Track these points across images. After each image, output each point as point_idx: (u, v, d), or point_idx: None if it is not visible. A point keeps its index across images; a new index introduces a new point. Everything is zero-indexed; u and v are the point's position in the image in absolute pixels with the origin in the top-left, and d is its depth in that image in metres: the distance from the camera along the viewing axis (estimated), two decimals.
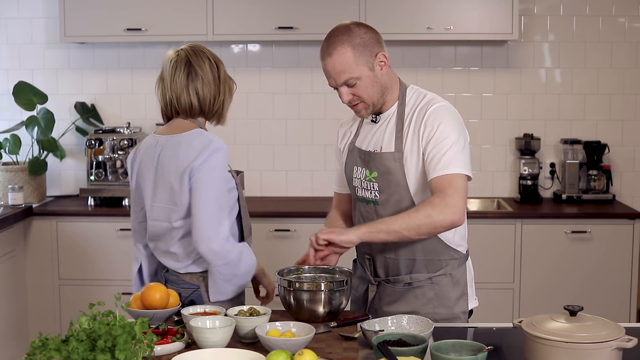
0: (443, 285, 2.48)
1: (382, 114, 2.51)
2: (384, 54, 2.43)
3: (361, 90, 2.41)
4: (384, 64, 2.43)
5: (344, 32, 2.40)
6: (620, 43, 4.79)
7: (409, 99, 2.49)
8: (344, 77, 2.39)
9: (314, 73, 4.84)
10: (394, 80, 2.50)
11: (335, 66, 2.40)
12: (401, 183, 2.43)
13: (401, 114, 2.46)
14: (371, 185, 2.48)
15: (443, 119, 2.38)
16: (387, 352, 1.90)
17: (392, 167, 2.43)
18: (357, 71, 2.38)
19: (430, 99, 2.46)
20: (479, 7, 4.42)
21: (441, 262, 2.48)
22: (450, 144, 2.35)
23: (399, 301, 2.51)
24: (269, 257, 4.09)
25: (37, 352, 1.75)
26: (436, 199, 2.31)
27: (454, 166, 2.34)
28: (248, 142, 4.90)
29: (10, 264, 4.25)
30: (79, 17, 4.50)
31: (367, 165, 2.49)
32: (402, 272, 2.50)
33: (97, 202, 4.58)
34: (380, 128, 2.50)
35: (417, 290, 2.49)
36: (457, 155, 2.36)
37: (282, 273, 2.47)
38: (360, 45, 2.38)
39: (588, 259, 4.36)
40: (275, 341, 2.01)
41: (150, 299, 2.23)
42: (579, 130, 4.84)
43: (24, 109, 4.68)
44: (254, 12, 4.48)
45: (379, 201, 2.48)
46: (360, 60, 2.38)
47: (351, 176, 2.57)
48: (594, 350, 1.86)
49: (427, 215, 2.30)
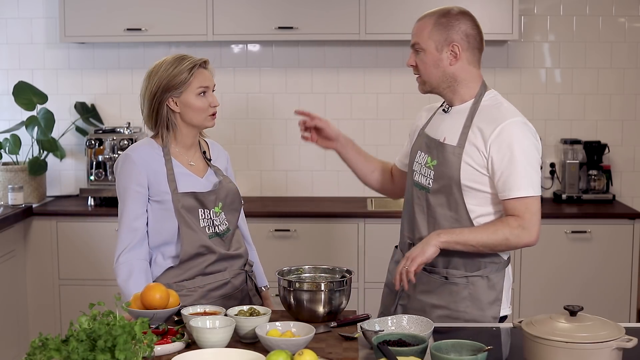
0: (478, 287, 2.49)
1: (454, 106, 2.54)
2: (459, 48, 2.47)
3: (421, 64, 2.51)
4: (453, 55, 2.48)
5: (444, 10, 2.51)
6: (620, 43, 4.79)
7: (484, 100, 2.52)
8: (414, 40, 2.52)
9: (314, 73, 4.84)
10: (472, 77, 2.53)
11: (415, 28, 2.53)
12: (454, 177, 2.45)
13: (473, 112, 2.49)
14: (429, 172, 2.53)
15: (516, 137, 2.41)
16: (387, 352, 1.90)
17: (450, 160, 2.47)
18: (425, 43, 2.48)
19: (505, 110, 2.48)
20: (479, 7, 4.42)
21: (480, 264, 2.49)
22: (523, 164, 2.39)
23: (433, 293, 2.52)
24: (269, 257, 4.09)
25: (37, 352, 1.75)
26: (514, 222, 2.39)
27: (526, 188, 2.39)
28: (248, 142, 4.90)
29: (10, 264, 4.25)
30: (79, 17, 4.50)
31: (430, 152, 2.54)
32: (439, 265, 2.51)
33: (97, 202, 4.57)
34: (450, 119, 2.54)
35: (452, 287, 2.50)
36: (531, 175, 2.40)
37: (282, 273, 2.47)
38: (441, 25, 2.47)
39: (588, 259, 4.36)
40: (275, 341, 2.01)
41: (150, 299, 2.23)
42: (579, 130, 4.84)
43: (24, 109, 4.67)
44: (254, 12, 4.48)
45: (430, 189, 2.52)
46: (433, 35, 2.47)
47: (413, 160, 2.62)
48: (594, 350, 1.86)
49: (505, 238, 2.40)
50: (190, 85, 2.53)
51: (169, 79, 2.51)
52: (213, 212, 2.58)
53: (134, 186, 2.52)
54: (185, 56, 2.56)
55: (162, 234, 2.54)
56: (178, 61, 2.53)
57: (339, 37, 4.52)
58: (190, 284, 2.55)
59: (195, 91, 2.54)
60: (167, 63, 2.54)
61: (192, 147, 2.64)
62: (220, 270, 2.60)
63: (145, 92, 2.57)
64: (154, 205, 2.54)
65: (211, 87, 2.58)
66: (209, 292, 2.57)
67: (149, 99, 2.56)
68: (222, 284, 2.60)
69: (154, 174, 2.53)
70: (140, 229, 2.53)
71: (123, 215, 2.54)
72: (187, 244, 2.52)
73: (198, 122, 2.57)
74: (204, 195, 2.56)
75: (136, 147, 2.58)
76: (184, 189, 2.54)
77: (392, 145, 4.78)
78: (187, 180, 2.56)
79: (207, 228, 2.56)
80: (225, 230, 2.62)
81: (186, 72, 2.52)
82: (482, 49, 2.55)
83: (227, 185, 2.65)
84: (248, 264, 2.72)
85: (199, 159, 2.65)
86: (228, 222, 2.64)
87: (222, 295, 2.59)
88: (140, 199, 2.52)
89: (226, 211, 2.63)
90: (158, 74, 2.53)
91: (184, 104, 2.54)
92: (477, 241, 2.40)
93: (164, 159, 2.56)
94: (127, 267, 2.50)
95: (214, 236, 2.58)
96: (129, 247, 2.51)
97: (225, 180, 2.66)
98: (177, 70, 2.51)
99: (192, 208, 2.54)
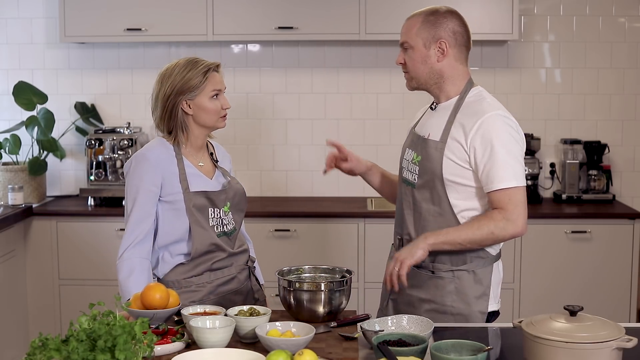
0: (464, 281, 2.52)
1: (440, 103, 2.59)
2: (446, 44, 2.51)
3: (410, 60, 2.56)
4: (441, 52, 2.51)
5: (432, 9, 2.56)
6: (620, 43, 4.78)
7: (469, 97, 2.56)
8: (403, 38, 2.57)
9: (314, 73, 4.84)
10: (458, 74, 2.56)
11: (404, 27, 2.59)
12: (437, 172, 2.50)
13: (457, 108, 2.54)
14: (414, 168, 2.58)
15: (495, 130, 2.44)
16: (387, 352, 1.90)
17: (432, 155, 2.51)
18: (413, 40, 2.53)
19: (487, 105, 2.51)
20: (479, 7, 4.42)
21: (465, 258, 2.52)
22: (504, 155, 2.42)
23: (420, 287, 2.56)
24: (269, 257, 4.09)
25: (37, 352, 1.75)
26: (498, 214, 2.42)
27: (509, 180, 2.42)
28: (248, 142, 4.90)
29: (10, 264, 4.25)
30: (79, 17, 4.50)
31: (415, 149, 2.59)
32: (426, 260, 2.53)
33: (97, 202, 4.57)
34: (436, 116, 2.59)
35: (439, 281, 2.53)
36: (513, 167, 2.43)
37: (282, 273, 2.47)
38: (429, 23, 2.52)
39: (588, 259, 4.36)
40: (275, 341, 2.01)
41: (150, 299, 2.23)
42: (579, 130, 4.84)
43: (24, 109, 4.67)
44: (254, 12, 4.48)
45: (416, 185, 2.56)
46: (421, 33, 2.52)
47: (402, 157, 2.68)
48: (594, 350, 1.86)
49: (490, 232, 2.42)
50: (204, 89, 2.57)
51: (184, 82, 2.55)
52: (222, 211, 2.63)
53: (148, 185, 2.54)
54: (199, 59, 2.60)
55: (172, 233, 2.58)
56: (192, 64, 2.57)
57: (339, 37, 4.52)
58: (199, 279, 2.59)
59: (209, 94, 2.57)
60: (181, 66, 2.57)
61: (202, 148, 2.68)
62: (227, 266, 2.64)
63: (159, 94, 2.60)
64: (164, 206, 2.57)
65: (223, 90, 2.63)
66: (217, 287, 2.61)
67: (162, 101, 2.59)
68: (229, 279, 2.64)
69: (169, 174, 2.57)
70: (146, 228, 2.55)
71: (132, 213, 2.56)
72: (198, 242, 2.56)
73: (211, 123, 2.61)
74: (215, 195, 2.61)
75: (151, 148, 2.61)
76: (195, 188, 2.58)
77: (392, 145, 4.78)
78: (198, 180, 2.60)
79: (215, 227, 2.60)
80: (232, 229, 2.66)
81: (201, 76, 2.56)
82: (469, 46, 2.59)
83: (235, 186, 2.71)
84: (250, 260, 2.76)
85: (207, 160, 2.70)
86: (235, 222, 2.68)
87: (230, 291, 2.64)
88: (152, 198, 2.55)
89: (233, 211, 2.68)
90: (172, 77, 2.57)
91: (198, 107, 2.57)
92: (463, 239, 2.43)
93: (176, 158, 2.60)
94: (129, 265, 2.53)
95: (222, 235, 2.62)
96: (133, 244, 2.54)
97: (233, 181, 2.72)
98: (192, 74, 2.55)
99: (203, 207, 2.58)
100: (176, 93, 2.55)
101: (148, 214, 2.55)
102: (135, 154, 2.61)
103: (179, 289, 2.53)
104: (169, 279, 2.59)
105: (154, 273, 2.62)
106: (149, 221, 2.56)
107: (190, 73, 2.55)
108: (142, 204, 2.55)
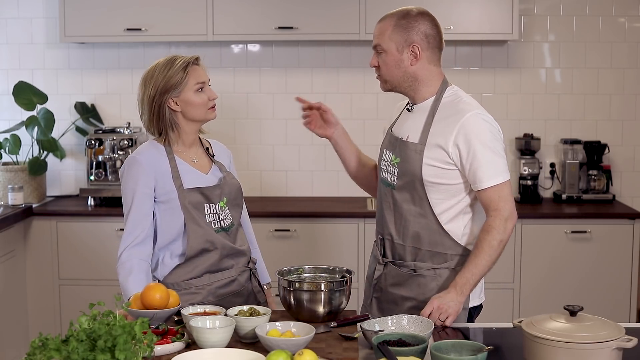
0: (445, 279, 2.54)
1: (417, 104, 2.61)
2: (419, 48, 2.52)
3: (383, 64, 2.57)
4: (414, 56, 2.53)
5: (404, 11, 2.56)
6: (620, 43, 4.79)
7: (445, 97, 2.57)
8: (375, 41, 2.58)
9: (314, 73, 4.84)
10: (432, 76, 2.58)
11: (376, 29, 2.59)
12: (417, 174, 2.52)
13: (434, 110, 2.55)
14: (393, 169, 2.60)
15: (474, 130, 2.47)
16: (387, 352, 1.90)
17: (411, 157, 2.53)
18: (386, 44, 2.54)
19: (464, 105, 2.53)
20: (479, 7, 4.42)
21: (446, 256, 2.55)
22: (486, 154, 2.45)
23: (403, 285, 2.59)
24: (269, 257, 4.08)
25: (37, 352, 1.75)
26: (493, 221, 2.46)
27: (495, 177, 2.46)
28: (248, 142, 4.90)
29: (10, 264, 4.25)
30: (79, 17, 4.50)
31: (394, 150, 2.61)
32: (407, 259, 2.58)
33: (97, 202, 4.57)
34: (413, 118, 2.61)
35: (421, 279, 2.56)
36: (497, 163, 2.47)
37: (282, 273, 2.47)
38: (401, 27, 2.53)
39: (588, 259, 4.36)
40: (275, 341, 2.01)
41: (150, 299, 2.23)
42: (579, 130, 4.84)
43: (24, 109, 4.67)
44: (254, 12, 4.48)
45: (396, 186, 2.58)
46: (393, 37, 2.53)
47: (381, 157, 2.70)
48: (594, 350, 1.86)
49: (499, 241, 2.46)
50: (187, 84, 2.58)
51: (166, 81, 2.57)
52: (218, 206, 2.63)
53: (142, 188, 2.55)
54: (177, 56, 2.62)
55: (169, 232, 2.59)
56: (171, 62, 2.59)
57: (339, 37, 4.52)
58: (198, 282, 2.59)
59: (193, 88, 2.59)
60: (160, 66, 2.59)
61: (194, 144, 2.69)
62: (227, 268, 2.63)
63: (144, 98, 2.62)
64: (160, 206, 2.58)
65: (207, 82, 2.63)
66: (217, 289, 2.61)
67: (148, 103, 2.60)
68: (230, 281, 2.64)
69: (161, 175, 2.57)
70: (144, 230, 2.56)
71: (129, 216, 2.57)
72: (193, 239, 2.56)
73: (200, 116, 2.62)
74: (209, 190, 2.61)
75: (142, 151, 2.62)
76: (189, 185, 2.59)
77: None
78: (191, 177, 2.61)
79: (213, 223, 2.61)
80: (230, 224, 2.66)
81: (181, 72, 2.57)
82: (441, 47, 2.60)
83: (231, 181, 2.71)
84: (251, 262, 2.75)
85: (202, 156, 2.70)
86: (232, 217, 2.68)
87: (230, 293, 2.63)
88: (148, 200, 2.56)
89: (230, 206, 2.68)
90: (153, 78, 2.58)
91: (185, 102, 2.58)
92: (484, 264, 2.45)
93: (168, 158, 2.60)
94: (127, 266, 2.53)
95: (220, 230, 2.62)
96: (131, 245, 2.55)
97: (228, 176, 2.71)
98: (172, 71, 2.57)
99: (198, 203, 2.58)
100: (160, 93, 2.57)
101: (145, 216, 2.56)
102: (127, 158, 2.63)
103: (178, 291, 2.53)
104: (168, 281, 2.59)
105: (154, 275, 2.62)
106: (147, 223, 2.56)
107: (170, 71, 2.56)
108: (138, 206, 2.55)
